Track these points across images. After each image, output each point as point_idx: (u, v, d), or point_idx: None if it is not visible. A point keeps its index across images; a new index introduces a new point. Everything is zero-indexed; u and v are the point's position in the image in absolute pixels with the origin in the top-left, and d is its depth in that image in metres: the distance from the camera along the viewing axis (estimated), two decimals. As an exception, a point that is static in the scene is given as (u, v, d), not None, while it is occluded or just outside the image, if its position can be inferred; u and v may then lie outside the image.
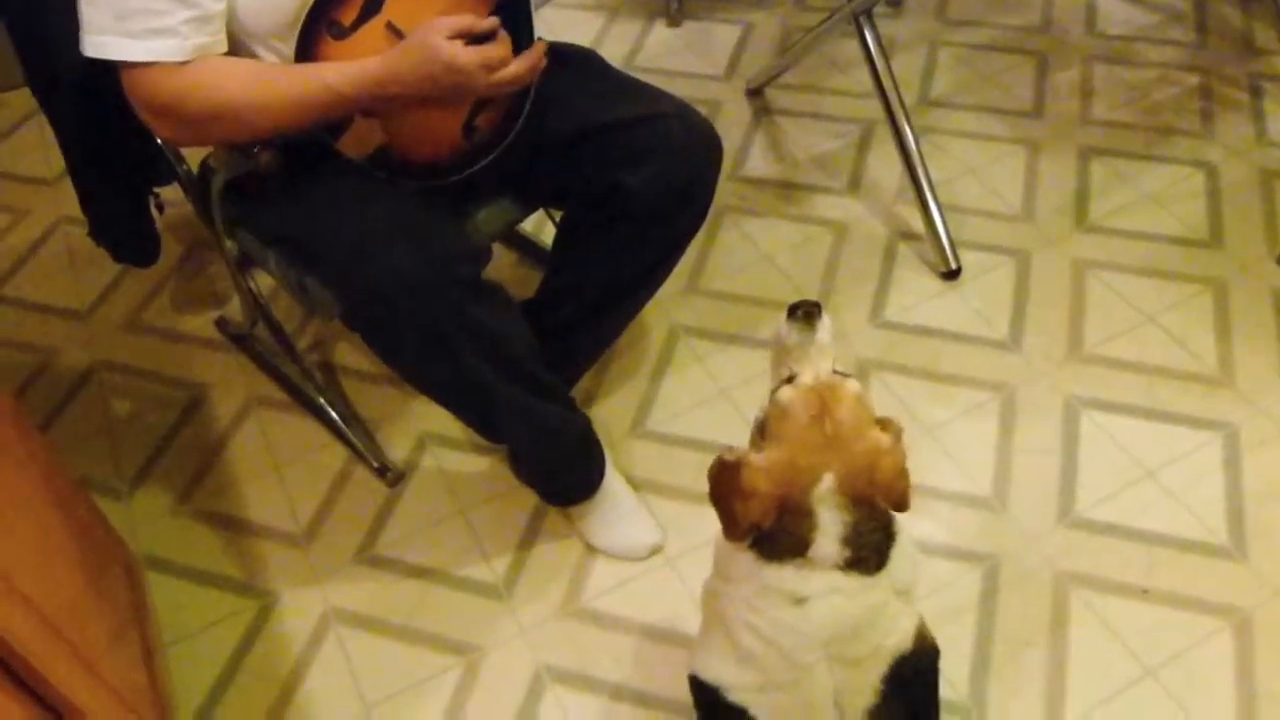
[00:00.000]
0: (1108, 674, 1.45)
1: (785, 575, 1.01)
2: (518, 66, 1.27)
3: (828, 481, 0.99)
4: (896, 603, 1.06)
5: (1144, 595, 1.52)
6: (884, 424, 1.04)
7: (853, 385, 1.03)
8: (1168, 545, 1.58)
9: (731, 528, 1.03)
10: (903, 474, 1.01)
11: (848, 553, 1.00)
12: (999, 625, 1.51)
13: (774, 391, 1.05)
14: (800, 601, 1.01)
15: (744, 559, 1.04)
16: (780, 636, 1.03)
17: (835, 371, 1.06)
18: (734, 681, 1.09)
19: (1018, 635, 1.50)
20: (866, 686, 1.06)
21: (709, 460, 1.09)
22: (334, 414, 1.79)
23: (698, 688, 1.13)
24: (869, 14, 2.06)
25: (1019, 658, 1.47)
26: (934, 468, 1.69)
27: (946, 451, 1.71)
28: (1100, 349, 1.85)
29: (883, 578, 1.03)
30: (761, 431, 1.05)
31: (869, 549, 1.01)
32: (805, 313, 1.07)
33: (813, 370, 1.05)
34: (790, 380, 1.05)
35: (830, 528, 0.99)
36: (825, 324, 1.08)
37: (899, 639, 1.07)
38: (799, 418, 1.01)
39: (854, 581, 1.01)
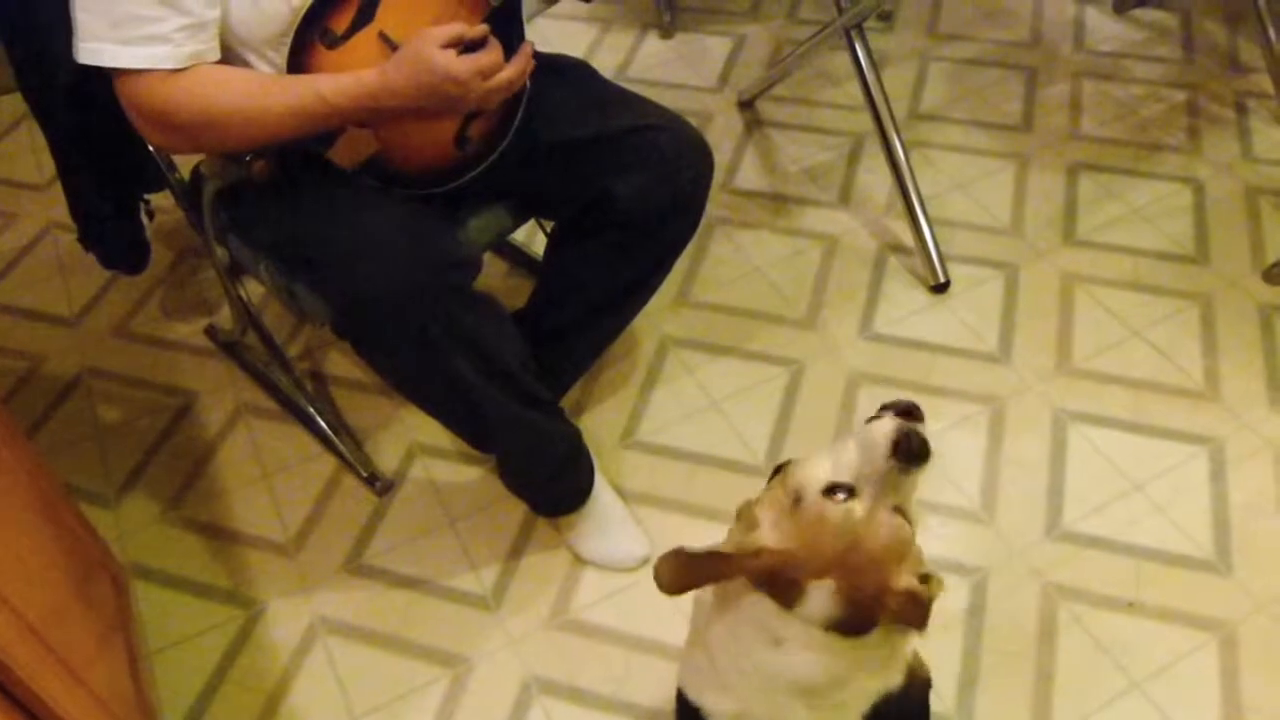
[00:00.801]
0: (1095, 686, 1.45)
1: (769, 611, 0.97)
2: (510, 71, 1.27)
3: (828, 584, 0.94)
4: (884, 651, 1.02)
5: (1130, 608, 1.53)
6: (925, 579, 0.97)
7: (903, 531, 0.96)
8: (1154, 559, 1.59)
9: (711, 555, 1.00)
10: (915, 607, 0.95)
11: (833, 622, 0.95)
12: (986, 637, 1.51)
13: (829, 490, 0.96)
14: (778, 642, 0.98)
15: (738, 580, 1.02)
16: (755, 672, 1.02)
17: (897, 509, 0.97)
18: (714, 707, 1.07)
19: (1005, 647, 1.50)
20: None
21: (699, 472, 1.09)
22: (323, 423, 1.79)
23: (682, 704, 1.12)
24: (860, 28, 2.07)
25: (1006, 670, 1.48)
26: (922, 480, 1.69)
27: (935, 463, 1.71)
28: (1088, 363, 1.86)
29: (872, 636, 0.97)
30: (795, 501, 0.98)
31: (861, 620, 0.96)
32: (911, 456, 0.95)
33: (874, 504, 0.95)
34: (849, 490, 0.96)
35: (819, 606, 0.95)
36: (922, 470, 0.97)
37: (885, 680, 1.04)
38: (830, 537, 0.94)
39: (838, 641, 0.96)
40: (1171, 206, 2.14)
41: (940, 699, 1.44)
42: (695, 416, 1.81)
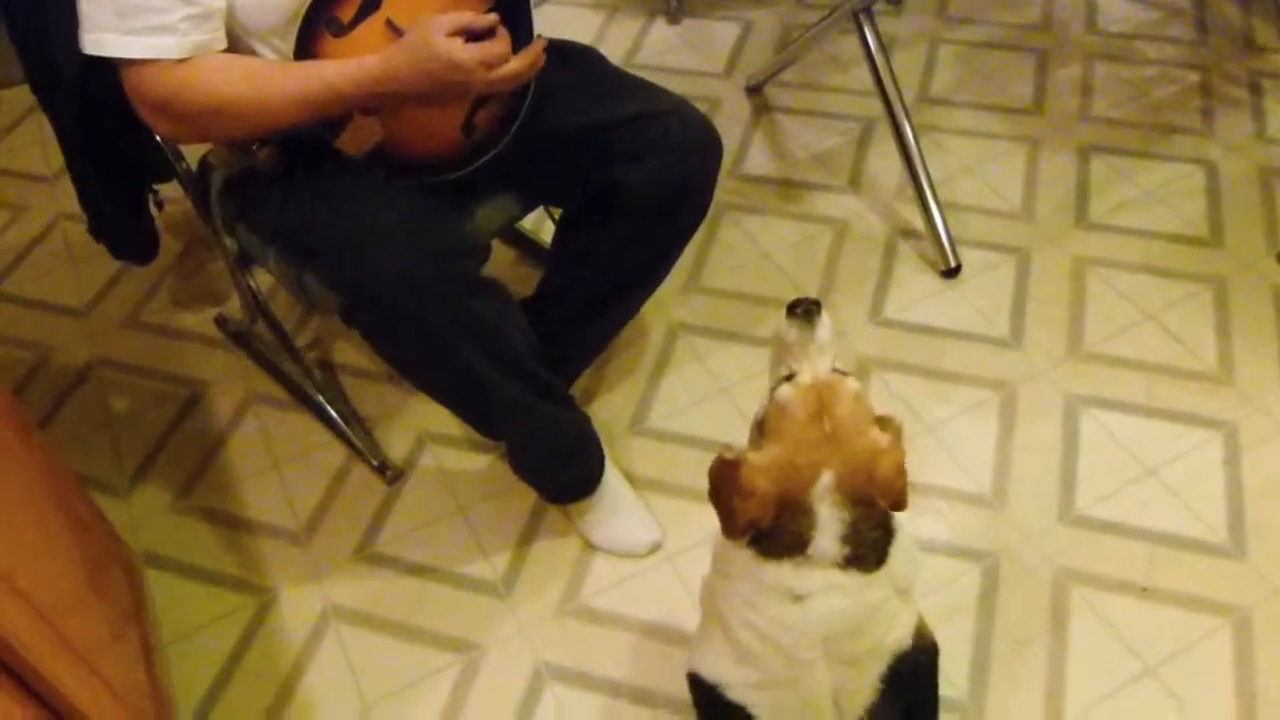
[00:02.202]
0: (1108, 671, 1.45)
1: (784, 573, 1.01)
2: (517, 64, 1.27)
3: (826, 480, 0.98)
4: (896, 600, 1.06)
5: (1144, 593, 1.52)
6: (884, 422, 1.03)
7: (851, 384, 1.03)
8: (1167, 543, 1.58)
9: (730, 526, 1.03)
10: (901, 473, 1.01)
11: (847, 550, 1.00)
12: (999, 623, 1.51)
13: (773, 390, 1.05)
14: (799, 599, 1.01)
15: (742, 557, 1.04)
16: (779, 634, 1.03)
17: (835, 369, 1.06)
18: (733, 679, 1.09)
19: (1017, 633, 1.50)
20: (866, 684, 1.06)
21: (708, 458, 1.08)
22: (333, 412, 1.79)
23: (697, 686, 1.13)
24: (869, 11, 2.06)
25: (1019, 655, 1.47)
26: (934, 465, 1.69)
27: (947, 449, 1.71)
28: (1100, 347, 1.85)
29: (882, 575, 1.02)
30: (760, 429, 1.05)
31: (868, 546, 1.01)
32: (805, 311, 1.07)
33: (811, 368, 1.05)
34: (789, 378, 1.05)
35: (829, 525, 0.99)
36: (824, 322, 1.07)
37: (898, 636, 1.07)
38: (797, 416, 1.01)
39: (853, 579, 1.01)
40: (1184, 189, 2.12)
41: (952, 684, 1.44)
42: (705, 402, 1.81)
